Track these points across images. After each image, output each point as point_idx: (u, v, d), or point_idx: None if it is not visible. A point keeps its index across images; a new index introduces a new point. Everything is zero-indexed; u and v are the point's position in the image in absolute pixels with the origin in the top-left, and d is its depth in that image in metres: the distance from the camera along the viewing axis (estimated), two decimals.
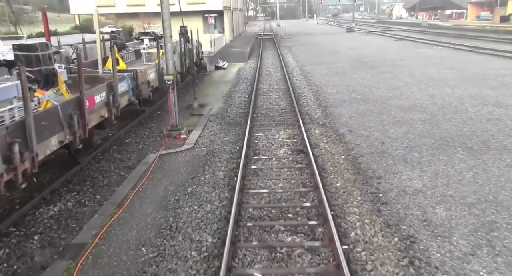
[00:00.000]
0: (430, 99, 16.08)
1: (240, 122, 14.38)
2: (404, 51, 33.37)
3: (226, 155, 11.08)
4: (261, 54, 35.97)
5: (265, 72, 25.80)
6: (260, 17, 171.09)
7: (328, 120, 14.14)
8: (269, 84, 21.64)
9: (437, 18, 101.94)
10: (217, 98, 18.49)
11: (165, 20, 12.29)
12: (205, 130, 13.52)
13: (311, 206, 8.01)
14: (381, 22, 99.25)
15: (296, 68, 26.96)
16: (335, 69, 25.45)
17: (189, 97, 18.54)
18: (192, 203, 8.17)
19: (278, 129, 13.28)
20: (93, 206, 8.16)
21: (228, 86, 21.58)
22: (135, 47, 20.08)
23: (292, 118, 14.61)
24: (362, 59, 29.35)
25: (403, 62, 26.75)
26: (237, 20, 58.11)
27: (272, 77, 23.74)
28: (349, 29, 64.78)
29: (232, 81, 23.24)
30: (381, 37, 51.67)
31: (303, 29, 77.39)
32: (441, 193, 8.12)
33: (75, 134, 8.26)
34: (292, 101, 16.84)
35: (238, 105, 16.98)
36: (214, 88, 21.20)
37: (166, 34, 12.34)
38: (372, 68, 24.91)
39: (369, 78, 21.49)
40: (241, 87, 20.99)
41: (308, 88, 19.87)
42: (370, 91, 18.31)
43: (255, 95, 18.38)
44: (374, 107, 15.53)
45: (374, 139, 11.85)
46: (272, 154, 11.07)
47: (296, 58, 32.48)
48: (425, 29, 61.28)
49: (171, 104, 12.79)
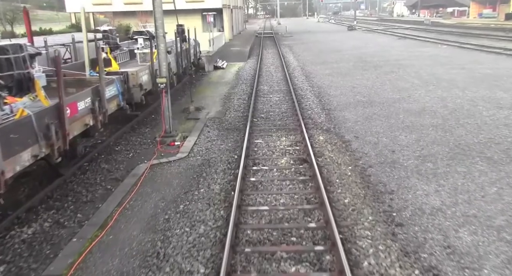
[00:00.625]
0: (440, 102, 15.18)
1: (239, 127, 13.50)
2: (408, 50, 32.46)
3: (223, 165, 10.20)
4: (261, 53, 35.06)
5: (265, 72, 24.90)
6: (260, 15, 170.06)
7: (332, 125, 13.25)
8: (270, 85, 20.75)
9: (439, 15, 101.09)
10: (215, 101, 17.60)
11: (157, 18, 11.41)
12: (201, 136, 12.64)
13: (317, 227, 7.13)
14: (382, 20, 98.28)
15: (297, 68, 26.06)
16: (338, 69, 24.54)
17: (186, 99, 17.65)
18: (183, 224, 7.29)
19: (279, 135, 12.40)
20: (73, 227, 7.28)
21: (227, 87, 20.69)
22: (129, 47, 19.20)
23: (294, 122, 13.73)
24: (366, 58, 28.44)
25: (408, 61, 25.83)
26: (237, 18, 57.19)
27: (272, 78, 22.85)
28: (350, 27, 63.84)
29: (231, 82, 22.34)
30: (384, 35, 50.75)
31: (303, 27, 76.42)
32: (463, 212, 7.24)
33: (52, 147, 7.38)
34: (293, 103, 15.96)
35: (237, 108, 16.08)
36: (212, 89, 20.31)
37: (159, 34, 11.45)
38: (376, 68, 24.01)
39: (374, 79, 20.59)
40: (240, 89, 20.10)
41: (311, 90, 18.97)
42: (376, 93, 17.42)
43: (254, 97, 17.49)
44: (381, 110, 14.64)
45: (383, 147, 10.96)
46: (273, 164, 10.19)
47: (297, 58, 31.58)
48: (428, 27, 60.33)
49: (164, 109, 11.90)
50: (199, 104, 16.65)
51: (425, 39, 41.18)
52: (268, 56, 33.70)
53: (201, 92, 19.64)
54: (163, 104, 11.78)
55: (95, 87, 9.64)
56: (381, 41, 41.96)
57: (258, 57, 32.57)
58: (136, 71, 12.51)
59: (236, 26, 56.37)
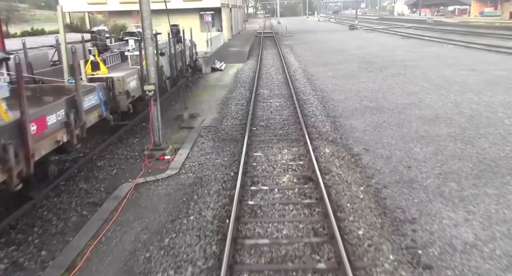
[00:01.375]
0: (455, 108, 13.98)
1: (236, 137, 12.30)
2: (414, 50, 31.24)
3: (217, 184, 9.00)
4: (261, 54, 33.84)
5: (265, 74, 23.69)
6: (260, 14, 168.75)
7: (339, 135, 12.05)
8: (270, 88, 19.54)
9: (440, 14, 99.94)
10: (211, 106, 16.39)
11: (144, 18, 10.20)
12: (195, 148, 11.44)
13: (328, 269, 5.93)
14: (383, 19, 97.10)
15: (299, 70, 24.85)
16: (341, 70, 23.33)
17: (180, 105, 16.46)
18: (167, 264, 6.09)
19: (280, 147, 11.20)
20: (33, 270, 6.08)
21: (225, 91, 19.48)
22: (120, 49, 17.97)
23: (296, 132, 12.53)
24: (370, 59, 27.22)
25: (415, 62, 24.62)
26: (236, 17, 55.95)
27: (273, 80, 21.64)
28: (352, 27, 62.60)
29: (229, 85, 21.13)
30: (386, 34, 49.51)
31: (304, 27, 75.17)
32: (505, 251, 6.04)
33: (10, 172, 6.18)
34: (295, 110, 14.76)
35: (235, 115, 14.87)
36: (209, 93, 19.10)
37: (146, 36, 10.24)
38: (382, 69, 22.79)
39: (380, 82, 19.38)
40: (238, 93, 18.89)
41: (313, 94, 17.77)
42: (384, 98, 16.21)
43: (254, 102, 16.29)
44: (391, 117, 13.44)
45: (397, 161, 9.77)
46: (274, 183, 9.00)
47: (298, 58, 30.36)
48: (431, 26, 59.07)
49: (153, 119, 10.70)
50: (194, 111, 15.45)
51: (429, 39, 39.96)
52: (268, 57, 32.50)
53: (197, 96, 18.44)
54: (152, 114, 10.58)
55: (70, 97, 8.44)
56: (384, 41, 40.74)
57: (257, 57, 31.37)
58: (122, 77, 11.31)
59: (236, 26, 55.14)
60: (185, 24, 39.66)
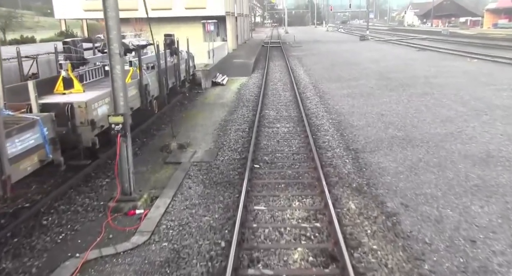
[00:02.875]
0: (510, 143, 11.23)
1: (233, 179, 9.62)
2: (434, 64, 28.52)
3: (200, 265, 6.30)
4: (268, 66, 31.27)
5: (272, 91, 21.06)
6: (267, 23, 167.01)
7: (365, 180, 9.34)
8: (277, 109, 16.89)
9: (451, 25, 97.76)
10: (206, 133, 13.73)
11: (110, 28, 7.61)
12: (178, 196, 8.77)
13: None
14: (394, 29, 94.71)
15: (309, 86, 22.21)
16: (357, 88, 20.66)
17: (170, 129, 13.87)
18: None
19: (290, 197, 8.52)
20: None
21: (224, 111, 16.84)
22: (103, 62, 15.43)
23: (310, 173, 9.84)
24: (388, 74, 24.53)
25: (441, 79, 21.89)
26: (242, 26, 53.62)
27: (280, 99, 19.01)
28: (362, 37, 60.07)
29: (230, 103, 18.51)
30: (400, 46, 46.85)
31: (312, 37, 72.82)
32: None
33: None
34: (307, 139, 12.10)
35: (234, 146, 12.21)
36: (206, 114, 16.47)
37: (113, 51, 7.64)
38: (404, 87, 20.10)
39: (406, 103, 16.68)
40: (240, 114, 16.24)
41: (328, 117, 15.08)
42: (413, 125, 13.51)
43: (257, 127, 13.64)
44: (427, 154, 10.72)
45: (453, 229, 7.03)
46: (281, 261, 6.31)
47: (308, 72, 27.74)
48: (447, 37, 56.34)
49: (121, 160, 8.04)
50: (185, 139, 12.83)
51: (447, 51, 37.26)
52: (275, 70, 29.91)
53: (191, 118, 15.80)
54: (119, 154, 7.93)
55: None
56: (399, 53, 38.06)
57: (263, 70, 28.79)
58: (85, 102, 8.68)
59: (241, 35, 52.77)
60: (188, 33, 37.21)
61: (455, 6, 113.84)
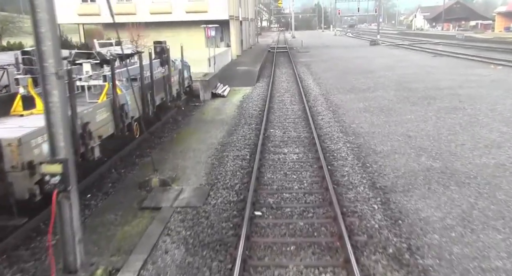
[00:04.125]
0: None
1: (226, 238, 7.19)
2: (456, 72, 25.99)
3: None
4: (273, 74, 28.89)
5: (278, 104, 18.68)
6: (274, 27, 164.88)
7: (403, 240, 6.88)
8: (284, 127, 14.49)
9: (461, 29, 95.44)
10: (198, 161, 11.33)
11: (42, 37, 5.20)
12: (148, 268, 6.37)
13: None
14: (403, 33, 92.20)
15: (320, 98, 19.80)
16: (374, 100, 18.21)
17: (158, 154, 11.50)
18: None
19: (301, 269, 6.10)
20: None
21: (222, 131, 14.46)
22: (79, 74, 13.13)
23: (328, 225, 7.41)
24: (408, 84, 22.04)
25: (469, 90, 19.39)
26: (247, 31, 51.38)
27: (287, 114, 16.60)
28: (373, 42, 57.53)
29: (229, 120, 16.12)
30: (413, 51, 44.31)
31: (320, 41, 70.44)
32: None
33: None
34: (322, 171, 9.70)
35: (230, 182, 9.79)
36: (200, 135, 14.08)
37: (47, 71, 5.26)
38: (428, 100, 17.63)
39: (435, 121, 14.21)
40: (240, 134, 13.85)
41: (345, 140, 12.66)
42: (450, 151, 11.04)
43: (260, 153, 11.25)
44: (481, 197, 8.25)
45: None
46: None
47: (317, 81, 25.32)
48: (461, 42, 53.67)
49: (64, 226, 5.65)
50: (171, 169, 10.48)
51: (466, 57, 34.73)
52: (281, 78, 27.52)
53: (183, 141, 13.44)
54: (58, 218, 5.55)
55: None
56: (415, 59, 35.53)
57: (269, 79, 26.42)
58: (18, 139, 6.32)
59: (246, 40, 50.50)
60: (188, 38, 35.02)
61: (466, 9, 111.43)
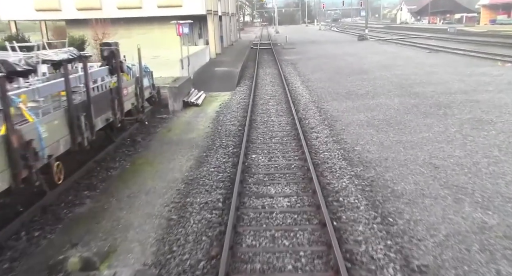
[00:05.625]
0: None
1: None
2: (462, 71, 23.09)
3: None
4: (256, 75, 25.62)
5: (262, 115, 15.45)
6: (257, 22, 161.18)
7: None
8: (269, 151, 11.28)
9: (446, 22, 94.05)
10: (148, 215, 8.00)
11: None
12: None
13: None
14: (390, 27, 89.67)
15: (311, 106, 16.64)
16: (377, 110, 15.11)
17: (96, 200, 8.17)
18: None
19: None
20: None
21: (190, 158, 11.15)
22: None
23: None
24: (411, 87, 19.02)
25: (486, 95, 16.44)
26: (227, 27, 47.89)
27: (273, 130, 13.39)
28: (361, 37, 54.64)
29: (201, 141, 12.82)
30: (406, 47, 41.41)
31: (305, 36, 67.30)
32: None
33: None
34: (325, 231, 6.56)
35: (191, 257, 6.52)
36: (160, 167, 10.74)
37: None
38: (443, 109, 14.60)
39: (462, 141, 11.16)
40: (213, 164, 10.56)
41: (350, 173, 9.49)
42: (500, 192, 7.98)
43: (238, 198, 8.03)
44: None
45: None
46: None
47: (306, 83, 22.14)
48: (455, 36, 51.02)
49: None
50: (104, 235, 7.16)
51: (466, 53, 31.97)
52: (265, 80, 24.26)
53: (134, 176, 10.10)
54: None
55: None
56: (410, 56, 32.60)
57: (251, 82, 23.16)
58: None
59: (227, 37, 47.06)
60: (162, 36, 31.37)
61: (451, 2, 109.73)
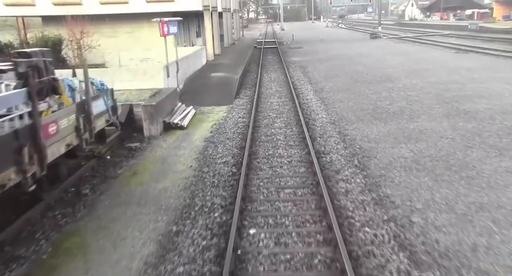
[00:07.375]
0: None
1: None
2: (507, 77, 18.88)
3: None
4: (260, 83, 21.49)
5: (266, 145, 11.37)
6: (261, 19, 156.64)
7: None
8: (275, 219, 7.21)
9: (457, 18, 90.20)
10: None
11: None
12: None
13: None
14: (401, 24, 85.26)
15: (331, 131, 12.54)
16: (424, 139, 10.98)
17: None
18: None
19: None
20: None
21: (152, 236, 7.07)
22: None
23: None
24: (458, 102, 14.84)
25: None
26: (229, 24, 43.71)
27: (282, 172, 9.32)
28: (373, 35, 50.31)
29: (175, 195, 8.73)
30: (427, 46, 36.96)
31: (313, 34, 62.90)
32: None
33: None
34: None
35: None
36: (93, 261, 6.71)
37: None
38: None
39: None
40: (186, 252, 6.49)
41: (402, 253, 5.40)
42: None
43: None
44: None
45: None
46: None
47: (320, 94, 18.02)
48: (478, 34, 46.58)
49: None
50: None
51: (499, 53, 27.76)
52: (270, 90, 20.14)
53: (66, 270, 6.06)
54: None
55: None
56: (436, 57, 28.33)
57: (254, 91, 19.10)
58: None
59: (228, 35, 42.88)
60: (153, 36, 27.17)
61: None
